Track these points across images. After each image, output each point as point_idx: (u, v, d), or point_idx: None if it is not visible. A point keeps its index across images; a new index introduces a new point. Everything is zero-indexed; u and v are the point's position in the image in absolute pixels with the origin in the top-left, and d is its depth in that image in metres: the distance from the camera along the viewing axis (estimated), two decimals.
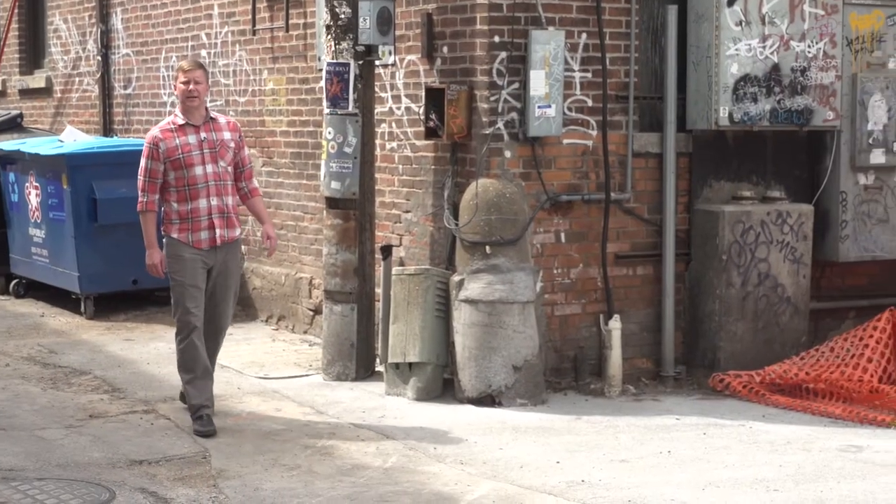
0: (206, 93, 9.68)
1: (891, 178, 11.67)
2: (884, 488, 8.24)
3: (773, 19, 11.11)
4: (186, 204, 9.42)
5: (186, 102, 9.50)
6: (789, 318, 11.34)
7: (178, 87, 9.58)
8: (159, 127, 9.58)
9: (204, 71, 9.69)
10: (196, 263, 9.44)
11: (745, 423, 9.92)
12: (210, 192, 9.46)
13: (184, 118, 9.51)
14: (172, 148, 9.40)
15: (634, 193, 11.19)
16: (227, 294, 9.70)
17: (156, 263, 9.57)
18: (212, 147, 9.50)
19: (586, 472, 8.53)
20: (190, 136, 9.46)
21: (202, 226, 9.45)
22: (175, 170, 9.40)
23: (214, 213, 9.47)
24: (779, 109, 11.17)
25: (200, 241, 9.46)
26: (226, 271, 9.62)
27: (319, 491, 8.06)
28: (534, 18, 10.72)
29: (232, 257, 9.69)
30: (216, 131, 9.58)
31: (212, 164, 9.48)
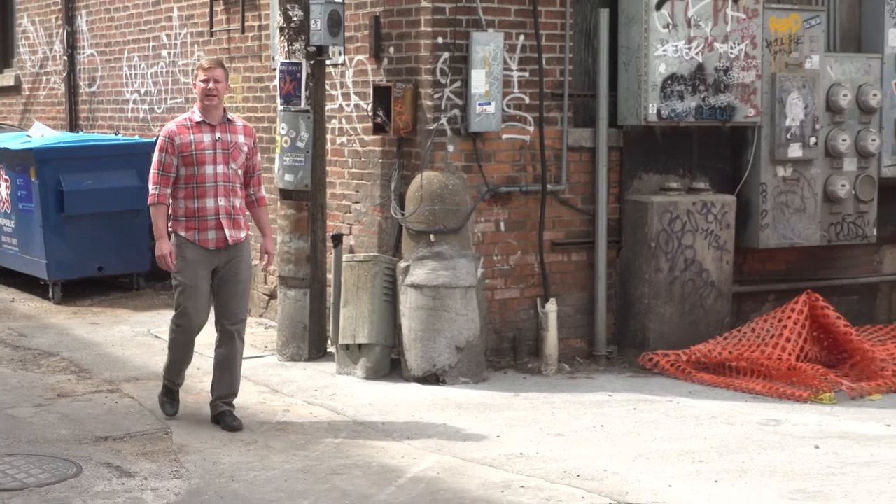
0: (225, 92, 9.14)
1: (807, 170, 11.74)
2: (800, 459, 8.30)
3: (698, 22, 11.15)
4: (194, 202, 8.87)
5: (205, 101, 8.95)
6: (713, 301, 11.40)
7: (196, 86, 9.04)
8: (175, 122, 9.06)
9: (224, 70, 9.13)
10: (199, 264, 8.91)
11: (672, 398, 9.97)
12: (218, 192, 8.90)
13: (201, 116, 8.98)
14: (186, 143, 8.86)
15: (569, 185, 11.21)
16: (236, 290, 9.05)
17: (165, 255, 8.88)
18: (225, 148, 8.95)
19: (524, 445, 8.56)
20: (205, 134, 8.92)
21: (209, 225, 8.89)
22: (186, 166, 8.86)
23: (222, 213, 8.91)
24: (703, 106, 11.22)
25: (207, 241, 8.89)
26: (235, 269, 9.00)
27: (274, 465, 8.05)
28: (474, 21, 10.72)
29: (242, 256, 9.04)
30: (231, 133, 9.01)
31: (223, 165, 8.92)
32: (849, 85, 11.89)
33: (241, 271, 9.06)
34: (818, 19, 11.76)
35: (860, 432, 9.03)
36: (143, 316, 13.25)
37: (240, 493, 7.47)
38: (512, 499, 7.38)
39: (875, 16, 12.22)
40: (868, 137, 11.94)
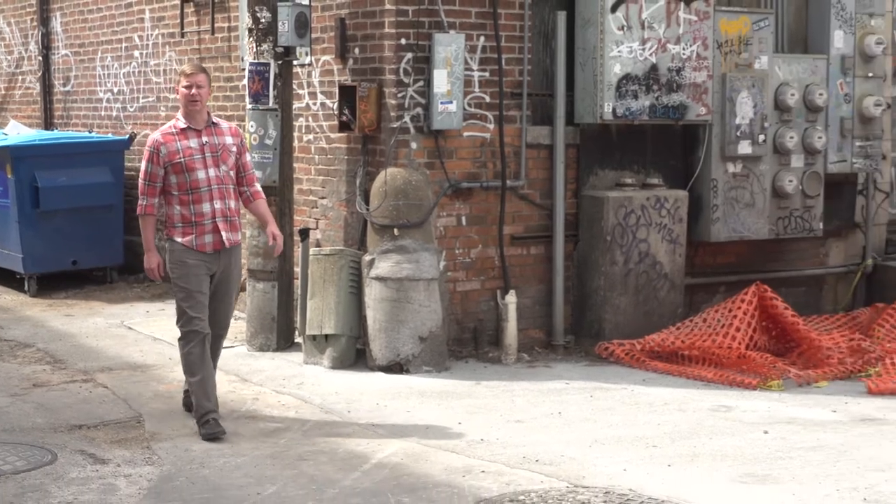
0: (208, 97, 8.78)
1: (756, 166, 11.78)
2: (750, 443, 8.34)
3: (651, 24, 11.18)
4: (190, 207, 8.54)
5: (188, 107, 8.63)
6: (667, 292, 11.43)
7: (179, 91, 8.70)
8: (161, 131, 8.71)
9: (206, 75, 8.79)
10: (200, 269, 8.56)
11: (627, 386, 10.00)
12: (213, 196, 8.57)
13: (185, 122, 8.65)
14: (174, 151, 8.52)
15: (528, 181, 11.22)
16: (227, 297, 8.82)
17: (153, 267, 8.65)
18: (213, 151, 8.62)
19: (485, 431, 8.57)
20: (192, 139, 8.59)
21: (206, 229, 8.56)
22: (177, 174, 8.53)
23: (218, 216, 8.57)
24: (657, 105, 11.25)
25: (205, 245, 8.56)
26: (228, 275, 8.72)
27: (244, 451, 8.03)
28: (436, 23, 10.72)
29: (235, 261, 8.76)
30: (217, 136, 8.69)
31: (214, 168, 8.60)
32: (796, 85, 11.94)
33: (232, 280, 8.83)
34: (767, 21, 11.81)
35: (807, 418, 9.08)
36: (117, 308, 13.20)
37: (210, 479, 7.46)
38: (473, 483, 7.39)
39: (821, 18, 12.27)
40: (815, 135, 12.00)
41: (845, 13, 12.23)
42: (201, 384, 8.55)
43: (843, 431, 8.71)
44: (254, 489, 7.27)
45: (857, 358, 10.71)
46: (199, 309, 8.57)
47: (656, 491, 7.27)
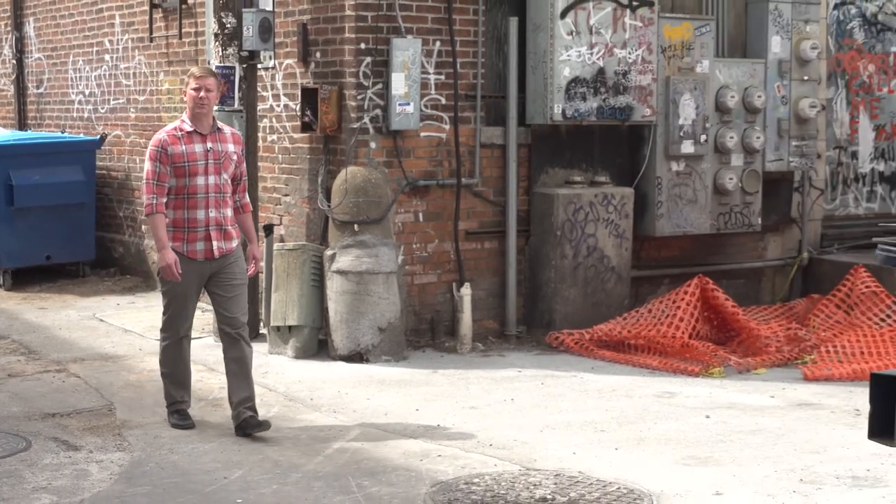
0: (216, 101, 8.32)
1: (699, 165, 11.83)
2: (693, 427, 8.38)
3: (599, 30, 11.20)
4: (184, 213, 8.08)
5: (196, 110, 8.12)
6: (614, 284, 11.47)
7: (188, 94, 8.19)
8: (166, 131, 8.19)
9: (216, 79, 8.32)
10: (189, 275, 8.08)
11: (576, 374, 10.02)
12: (209, 204, 8.10)
13: (191, 125, 8.15)
14: (178, 154, 8.04)
15: (482, 179, 11.23)
16: (233, 295, 8.23)
17: (170, 264, 7.99)
18: (217, 158, 8.14)
19: (442, 417, 8.57)
20: (196, 144, 8.09)
21: (199, 237, 8.10)
22: (177, 177, 8.04)
23: (212, 224, 8.11)
24: (604, 107, 11.27)
25: (196, 252, 8.10)
26: (230, 274, 8.22)
27: (212, 438, 8.00)
28: (394, 28, 10.71)
29: (235, 260, 8.25)
30: (222, 142, 8.20)
31: (215, 176, 8.12)
32: (736, 87, 11.98)
33: (237, 276, 8.27)
34: (708, 27, 11.85)
35: (746, 403, 9.13)
36: (89, 301, 13.13)
37: (179, 464, 7.43)
38: (430, 466, 7.39)
39: (759, 24, 12.32)
40: (753, 135, 12.05)
41: (782, 20, 12.29)
42: (172, 376, 8.35)
43: (781, 416, 8.75)
44: (221, 474, 7.24)
45: (793, 346, 10.77)
46: (182, 315, 8.27)
47: (604, 473, 7.29)
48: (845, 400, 9.16)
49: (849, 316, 11.39)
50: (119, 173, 14.71)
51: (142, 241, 14.23)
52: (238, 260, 8.30)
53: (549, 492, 6.93)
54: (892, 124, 13.90)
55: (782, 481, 7.17)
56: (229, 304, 8.23)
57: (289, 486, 7.05)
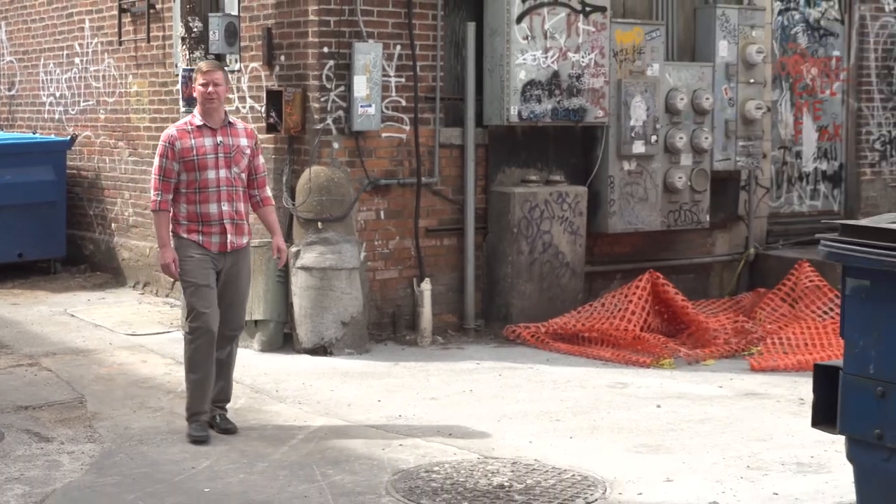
0: (225, 95, 7.96)
1: (649, 164, 11.87)
2: (644, 416, 8.41)
3: (553, 34, 11.22)
4: (196, 207, 7.77)
5: (205, 105, 7.81)
6: (568, 279, 11.49)
7: (196, 89, 7.89)
8: (176, 126, 7.94)
9: (224, 73, 7.97)
10: (206, 263, 7.77)
11: (533, 365, 10.04)
12: (222, 197, 7.79)
13: (202, 119, 7.84)
14: (187, 148, 7.74)
15: (441, 178, 11.23)
16: (237, 298, 7.98)
17: (169, 263, 7.75)
18: (227, 152, 7.82)
19: (403, 408, 8.57)
20: (206, 138, 7.79)
21: (213, 230, 7.79)
22: (188, 171, 7.75)
23: (226, 218, 7.79)
24: (559, 108, 11.29)
25: (211, 244, 7.79)
26: (236, 274, 7.92)
27: (180, 428, 7.96)
28: (356, 32, 10.69)
29: (243, 260, 7.98)
30: (233, 136, 7.88)
31: (225, 170, 7.80)
32: (685, 90, 12.03)
33: (242, 280, 8.00)
34: (658, 32, 11.89)
35: (696, 393, 9.17)
36: (60, 297, 13.04)
37: (148, 455, 7.40)
38: (392, 455, 7.38)
39: (707, 29, 12.37)
40: (702, 136, 12.10)
41: (729, 25, 12.34)
42: (198, 383, 7.84)
43: (729, 405, 8.80)
44: (189, 464, 7.22)
45: (741, 338, 10.83)
46: (206, 303, 7.78)
47: (560, 461, 7.31)
48: (790, 390, 9.22)
49: (793, 309, 11.46)
50: (89, 173, 14.62)
51: (111, 238, 14.16)
52: (246, 259, 8.03)
53: (506, 479, 6.94)
54: (835, 125, 13.99)
55: (730, 468, 7.20)
56: (232, 308, 7.93)
57: (255, 475, 7.03)
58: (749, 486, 6.86)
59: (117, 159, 14.03)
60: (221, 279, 7.88)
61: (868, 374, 4.90)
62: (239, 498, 6.63)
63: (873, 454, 4.92)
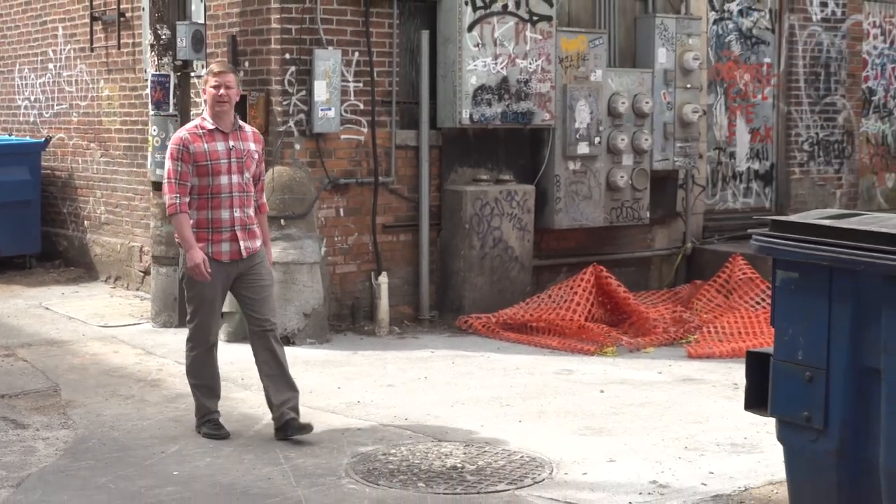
0: (237, 98, 7.41)
1: (593, 164, 11.89)
2: (588, 401, 8.43)
3: (502, 42, 11.22)
4: (207, 213, 7.21)
5: (216, 107, 7.26)
6: (517, 272, 11.50)
7: (207, 92, 7.31)
8: (186, 129, 7.34)
9: (235, 75, 7.45)
10: (215, 277, 7.21)
11: (484, 354, 10.04)
12: (234, 203, 7.24)
13: (213, 123, 7.28)
14: (200, 153, 7.18)
15: (397, 177, 11.21)
16: (261, 295, 7.35)
17: (199, 263, 7.10)
18: (239, 157, 7.27)
19: (361, 394, 8.55)
20: (218, 142, 7.23)
21: (224, 237, 7.24)
22: (200, 176, 7.18)
23: (237, 224, 7.25)
24: (508, 112, 11.30)
25: (222, 254, 7.24)
26: (257, 274, 7.36)
27: (150, 415, 7.93)
28: (317, 40, 10.66)
29: (261, 261, 7.40)
30: (243, 141, 7.34)
31: (238, 175, 7.26)
32: (626, 94, 12.07)
33: (264, 276, 7.40)
34: (601, 40, 11.92)
35: (637, 379, 9.20)
36: (35, 291, 12.93)
37: (120, 440, 7.35)
38: (351, 439, 7.37)
39: (647, 38, 12.42)
40: (642, 137, 12.14)
41: (667, 33, 12.39)
42: (199, 388, 7.47)
43: (668, 390, 8.84)
44: (158, 448, 7.18)
45: (679, 327, 10.88)
46: (209, 320, 7.35)
47: (509, 443, 7.32)
48: (725, 375, 9.27)
49: (728, 300, 11.52)
50: (63, 173, 14.51)
51: (84, 235, 14.05)
52: (264, 260, 7.46)
53: (459, 461, 6.94)
54: (766, 128, 14.07)
55: (669, 449, 7.24)
56: (258, 306, 7.37)
57: (221, 458, 7.00)
58: (686, 466, 6.90)
59: (89, 160, 13.93)
60: (240, 284, 7.36)
61: (797, 361, 4.94)
62: (206, 480, 6.60)
63: (801, 435, 4.96)
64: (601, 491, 6.45)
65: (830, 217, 5.02)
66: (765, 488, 6.50)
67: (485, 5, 11.13)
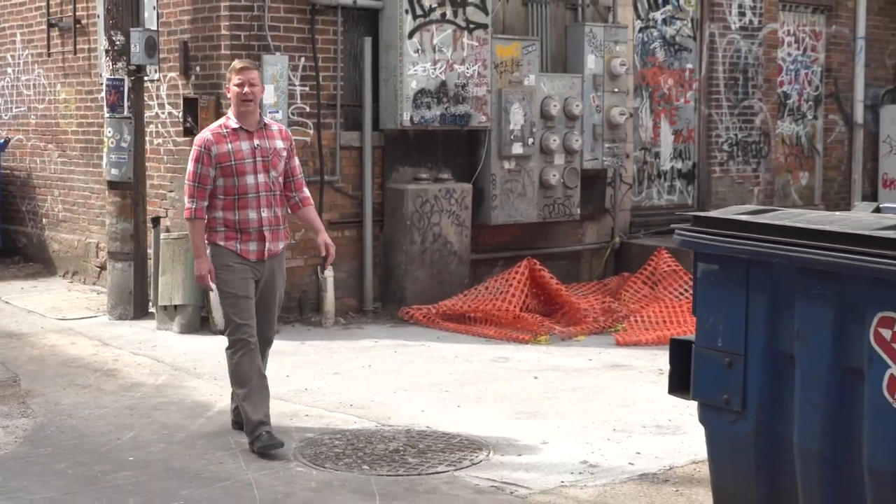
0: (261, 95, 6.92)
1: (527, 164, 11.92)
2: (523, 386, 8.46)
3: (441, 49, 11.22)
4: (234, 213, 6.76)
5: (241, 107, 6.77)
6: (456, 266, 11.51)
7: (230, 90, 6.82)
8: (210, 129, 6.84)
9: (259, 71, 6.98)
10: (246, 273, 6.77)
11: (425, 343, 10.04)
12: (261, 203, 6.78)
13: (237, 122, 6.80)
14: (224, 153, 6.71)
15: (342, 176, 11.18)
16: (272, 304, 7.00)
17: (205, 274, 6.77)
18: (265, 155, 6.80)
19: (309, 382, 8.53)
20: (243, 142, 6.76)
21: (252, 237, 6.79)
22: (225, 177, 6.72)
23: (265, 224, 6.80)
24: (446, 114, 11.30)
25: (249, 252, 6.79)
26: (273, 282, 6.94)
27: (106, 404, 7.86)
28: (265, 46, 10.60)
29: (279, 267, 6.98)
30: (269, 139, 6.86)
31: (264, 174, 6.78)
32: (558, 98, 12.10)
33: (277, 286, 7.00)
34: (534, 47, 11.95)
35: (569, 365, 9.24)
36: None
37: (77, 428, 7.28)
38: (299, 425, 7.35)
39: (577, 45, 12.46)
40: (573, 138, 12.19)
41: (596, 41, 12.45)
42: (248, 396, 6.83)
43: (597, 376, 8.88)
44: (114, 435, 7.11)
45: (608, 317, 10.94)
46: (246, 315, 6.81)
47: (449, 427, 7.33)
48: (650, 361, 9.34)
49: (653, 291, 11.60)
50: (21, 172, 14.32)
51: (43, 232, 13.89)
52: (281, 267, 7.02)
53: (401, 444, 6.94)
54: (688, 129, 14.18)
55: (598, 430, 7.28)
56: (267, 315, 6.99)
57: (175, 444, 6.95)
58: (615, 447, 6.94)
59: (47, 160, 13.77)
60: (259, 288, 6.92)
61: (717, 347, 4.98)
62: (160, 465, 6.56)
63: (722, 417, 5.00)
64: (535, 471, 6.48)
65: (748, 213, 5.06)
66: (688, 467, 6.56)
67: (424, 14, 11.12)
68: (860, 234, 4.46)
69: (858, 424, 4.49)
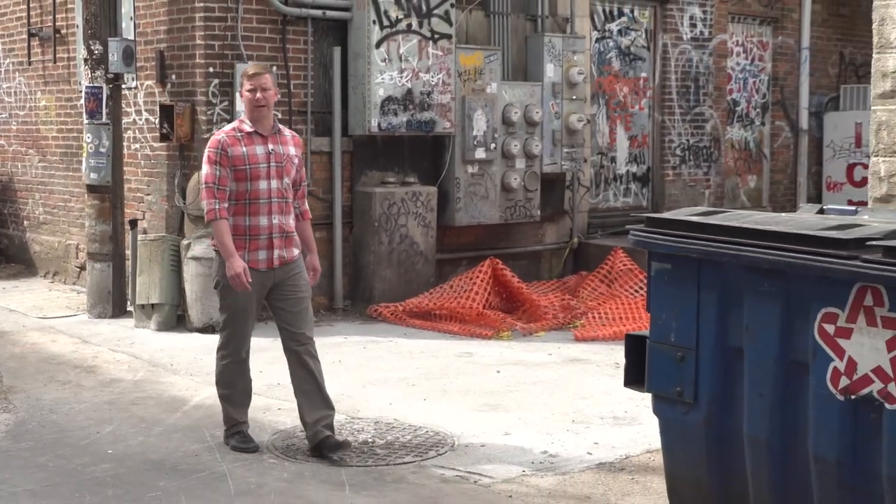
0: (274, 100, 6.49)
1: (489, 168, 11.93)
2: (486, 380, 8.46)
3: (407, 58, 11.22)
4: (245, 219, 6.37)
5: (254, 112, 6.40)
6: (422, 265, 11.51)
7: (243, 95, 6.46)
8: (224, 131, 6.45)
9: (272, 75, 6.52)
10: (253, 286, 6.37)
11: (392, 339, 10.03)
12: (272, 210, 6.39)
13: (252, 126, 6.43)
14: (239, 157, 6.33)
15: (312, 180, 11.14)
16: (298, 308, 6.55)
17: (240, 272, 6.25)
18: (279, 161, 6.41)
19: (281, 377, 8.43)
20: (258, 146, 6.37)
21: (261, 245, 6.40)
22: (238, 181, 6.33)
23: (275, 231, 6.42)
24: (412, 121, 11.30)
25: (258, 262, 6.41)
26: (294, 286, 6.55)
27: (86, 399, 7.80)
28: (238, 55, 10.56)
29: (298, 271, 6.58)
30: (283, 144, 6.47)
31: (277, 180, 6.40)
32: (518, 105, 12.12)
33: (301, 288, 6.58)
34: (495, 56, 11.97)
35: (530, 360, 9.26)
36: None
37: (58, 422, 7.23)
38: (272, 418, 7.33)
39: (537, 54, 12.49)
40: (533, 143, 12.21)
41: (555, 50, 12.47)
42: (227, 397, 6.70)
43: (557, 370, 8.90)
44: (94, 429, 7.07)
45: (567, 314, 10.96)
46: (244, 332, 6.59)
47: (416, 419, 7.32)
48: (607, 356, 9.36)
49: (610, 288, 11.64)
50: (3, 176, 14.21)
51: (24, 234, 13.79)
52: (301, 271, 6.63)
53: (370, 436, 6.94)
54: (643, 135, 14.24)
55: (558, 422, 7.29)
56: (294, 320, 6.56)
57: (152, 437, 6.92)
58: (574, 438, 6.96)
59: (28, 165, 13.66)
60: (275, 295, 6.55)
61: (670, 342, 5.00)
62: (138, 457, 6.52)
63: (675, 408, 5.03)
64: (498, 462, 6.48)
65: (699, 214, 5.09)
66: (643, 456, 6.58)
67: (391, 24, 11.11)
68: (805, 234, 4.49)
69: (804, 415, 4.53)
